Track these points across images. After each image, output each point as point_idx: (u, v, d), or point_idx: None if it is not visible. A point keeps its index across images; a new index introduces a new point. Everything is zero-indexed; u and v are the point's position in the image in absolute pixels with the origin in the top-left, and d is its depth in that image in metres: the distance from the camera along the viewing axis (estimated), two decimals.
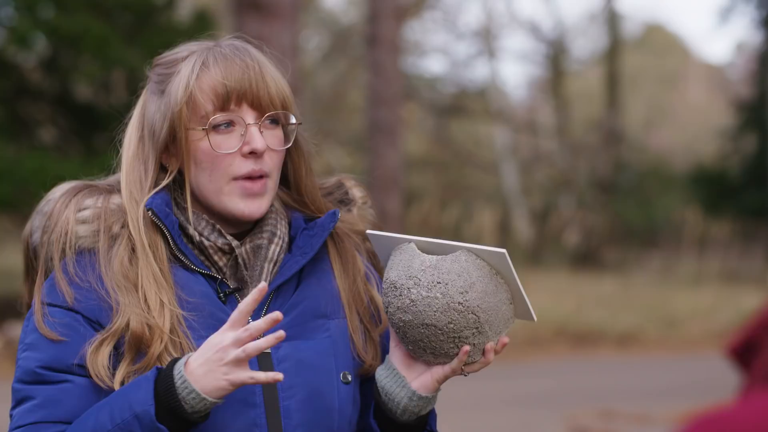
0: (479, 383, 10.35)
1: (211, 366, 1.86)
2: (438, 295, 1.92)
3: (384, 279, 1.99)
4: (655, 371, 11.71)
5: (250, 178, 2.00)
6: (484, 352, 1.98)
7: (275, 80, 2.03)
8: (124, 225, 2.01)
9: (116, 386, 1.93)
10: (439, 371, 2.01)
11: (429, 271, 1.92)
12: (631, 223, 24.16)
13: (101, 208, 2.02)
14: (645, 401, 9.59)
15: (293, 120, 2.06)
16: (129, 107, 2.14)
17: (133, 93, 2.15)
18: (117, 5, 12.08)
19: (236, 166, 1.99)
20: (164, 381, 1.87)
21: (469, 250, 1.94)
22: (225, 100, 1.99)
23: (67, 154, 12.37)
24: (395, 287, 1.95)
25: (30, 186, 10.73)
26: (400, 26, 15.12)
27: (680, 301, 15.61)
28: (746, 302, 15.73)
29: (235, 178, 2.00)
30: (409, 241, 1.98)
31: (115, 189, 2.06)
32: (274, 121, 2.03)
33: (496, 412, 8.81)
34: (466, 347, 1.95)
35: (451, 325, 1.92)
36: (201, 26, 12.02)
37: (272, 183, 2.03)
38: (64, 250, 2.01)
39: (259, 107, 2.01)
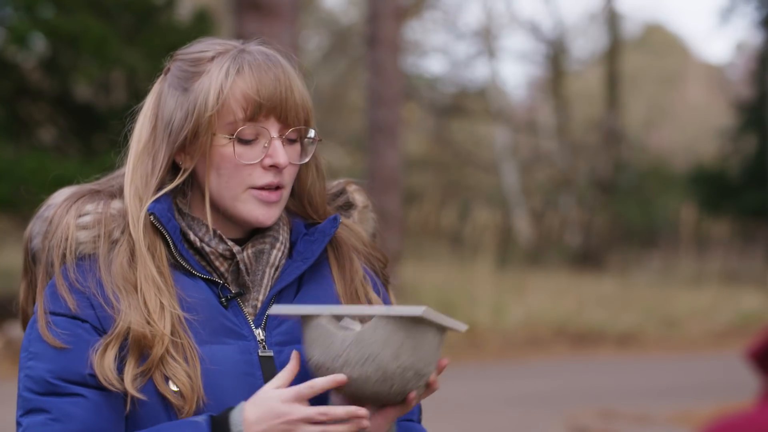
0: (479, 383, 10.36)
1: None
2: (371, 370, 1.87)
3: (307, 357, 1.92)
4: (655, 371, 11.71)
5: (266, 188, 2.01)
6: (428, 385, 1.96)
7: (302, 94, 2.03)
8: (124, 231, 2.01)
9: (128, 386, 1.93)
10: (390, 413, 1.98)
11: (354, 348, 1.87)
12: (631, 223, 24.17)
13: (102, 213, 2.01)
14: (645, 401, 9.58)
15: (311, 134, 2.05)
16: (129, 107, 2.12)
17: (133, 93, 2.16)
18: (117, 5, 12.07)
19: (256, 176, 2.00)
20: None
21: (385, 315, 1.87)
22: (256, 112, 1.98)
23: (67, 154, 12.36)
24: (325, 368, 1.89)
25: (30, 186, 10.73)
26: (400, 26, 15.11)
27: (680, 301, 15.61)
28: (746, 302, 15.73)
29: (253, 188, 2.00)
30: (318, 315, 1.90)
31: (117, 192, 2.05)
32: (296, 133, 2.03)
33: (496, 412, 8.80)
34: (413, 394, 1.93)
35: (394, 388, 1.89)
36: (201, 26, 12.02)
37: (286, 194, 2.04)
38: (64, 256, 2.01)
39: (285, 121, 2.00)
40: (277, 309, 1.95)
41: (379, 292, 2.16)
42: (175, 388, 1.93)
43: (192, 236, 2.02)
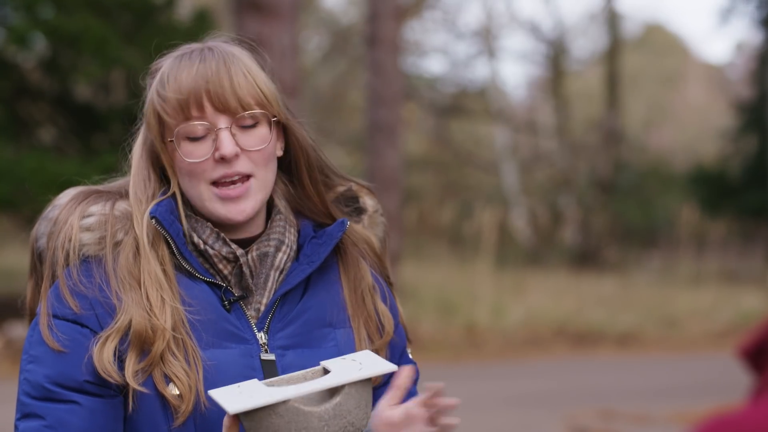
0: (479, 383, 10.35)
1: None
2: None
3: None
4: (655, 371, 11.71)
5: (224, 182, 1.99)
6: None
7: (247, 79, 1.99)
8: (128, 232, 2.02)
9: (129, 380, 1.93)
10: None
11: (333, 421, 1.82)
12: (631, 223, 24.18)
13: (107, 215, 2.02)
14: (645, 401, 9.58)
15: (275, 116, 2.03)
16: (128, 107, 2.13)
17: (133, 93, 2.15)
18: (116, 5, 12.07)
19: (210, 171, 1.99)
20: None
21: (354, 383, 1.83)
22: (183, 110, 1.98)
23: (67, 154, 12.37)
24: None
25: (30, 186, 10.73)
26: (400, 26, 15.11)
27: (680, 301, 15.61)
28: (746, 302, 15.73)
29: (212, 183, 2.00)
30: (284, 401, 1.79)
31: (123, 193, 2.06)
32: (252, 119, 2.00)
33: (496, 412, 8.80)
34: None
35: None
36: (201, 26, 12.02)
37: (258, 183, 2.01)
38: (68, 257, 2.01)
39: (226, 110, 1.98)
40: (232, 408, 1.78)
41: (387, 301, 2.15)
42: (174, 389, 1.93)
43: (196, 238, 2.02)
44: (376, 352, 2.10)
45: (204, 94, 1.97)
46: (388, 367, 1.85)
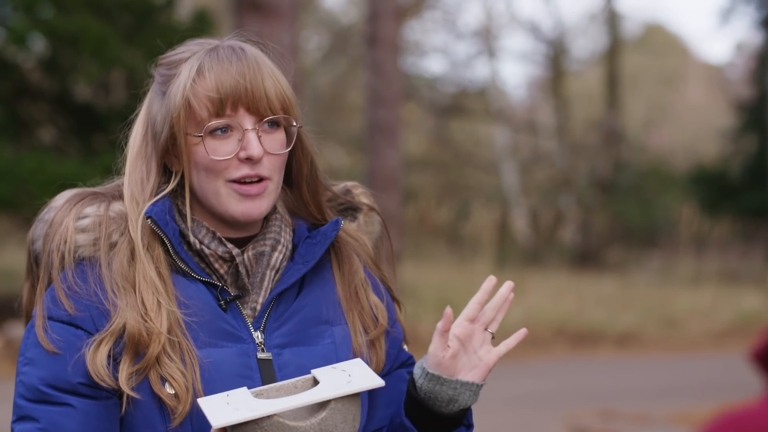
0: None
1: None
2: None
3: None
4: (655, 371, 11.71)
5: (245, 182, 2.00)
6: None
7: (275, 83, 2.01)
8: (124, 233, 2.01)
9: (123, 385, 1.93)
10: None
11: None
12: (631, 223, 24.17)
13: (101, 216, 2.02)
14: (645, 401, 9.58)
15: (295, 122, 2.05)
16: (128, 107, 2.13)
17: (133, 93, 2.15)
18: (116, 5, 12.07)
19: (232, 170, 1.99)
20: None
21: (341, 397, 1.83)
22: (219, 107, 1.98)
23: (67, 154, 12.37)
24: None
25: (29, 186, 10.73)
26: (400, 26, 15.11)
27: (680, 301, 15.61)
28: (746, 302, 15.72)
29: (231, 181, 2.00)
30: (269, 416, 1.78)
31: (118, 195, 2.06)
32: (275, 123, 2.02)
33: (496, 412, 8.80)
34: None
35: None
36: (201, 26, 12.02)
37: (273, 185, 2.02)
38: (63, 258, 2.00)
39: (256, 112, 1.99)
40: (222, 423, 1.79)
41: (381, 295, 2.16)
42: (170, 390, 1.93)
43: (191, 238, 2.02)
44: (372, 342, 2.11)
45: (242, 95, 1.97)
46: (377, 382, 1.85)
